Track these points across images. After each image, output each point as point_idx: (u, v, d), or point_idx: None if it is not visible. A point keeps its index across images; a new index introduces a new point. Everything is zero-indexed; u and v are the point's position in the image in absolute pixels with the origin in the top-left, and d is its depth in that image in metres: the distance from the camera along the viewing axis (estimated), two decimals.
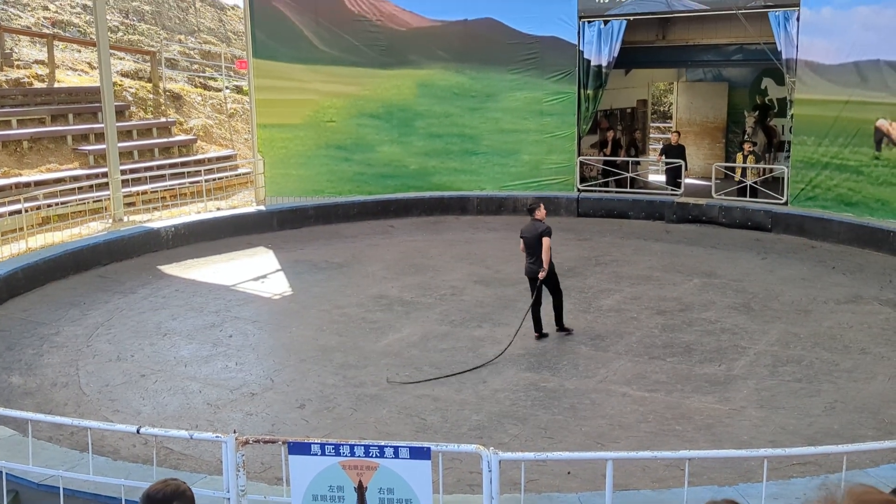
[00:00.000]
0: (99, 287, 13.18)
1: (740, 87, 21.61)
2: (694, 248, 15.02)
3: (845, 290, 12.30)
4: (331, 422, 8.27)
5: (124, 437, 7.82)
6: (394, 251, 15.27)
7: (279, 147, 18.59)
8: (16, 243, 14.74)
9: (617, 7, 17.25)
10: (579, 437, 7.82)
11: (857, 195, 15.36)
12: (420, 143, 18.73)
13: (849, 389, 8.77)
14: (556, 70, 18.05)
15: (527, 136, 18.46)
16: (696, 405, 8.45)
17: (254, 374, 9.60)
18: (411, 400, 8.73)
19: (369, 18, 18.52)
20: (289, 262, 14.71)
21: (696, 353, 9.86)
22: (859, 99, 15.16)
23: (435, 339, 10.54)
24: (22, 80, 22.88)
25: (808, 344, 10.12)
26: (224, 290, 13.06)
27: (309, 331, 11.01)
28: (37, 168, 20.67)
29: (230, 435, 5.36)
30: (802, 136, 15.98)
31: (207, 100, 27.30)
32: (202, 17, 35.06)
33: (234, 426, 7.88)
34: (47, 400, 8.94)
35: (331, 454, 4.98)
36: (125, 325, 11.33)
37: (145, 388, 9.25)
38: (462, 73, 18.65)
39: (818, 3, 15.41)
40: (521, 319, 10.27)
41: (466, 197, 18.52)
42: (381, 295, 12.48)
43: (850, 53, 15.23)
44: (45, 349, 10.49)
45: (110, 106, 16.72)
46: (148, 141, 23.36)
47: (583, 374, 9.36)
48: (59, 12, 29.40)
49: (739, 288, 12.49)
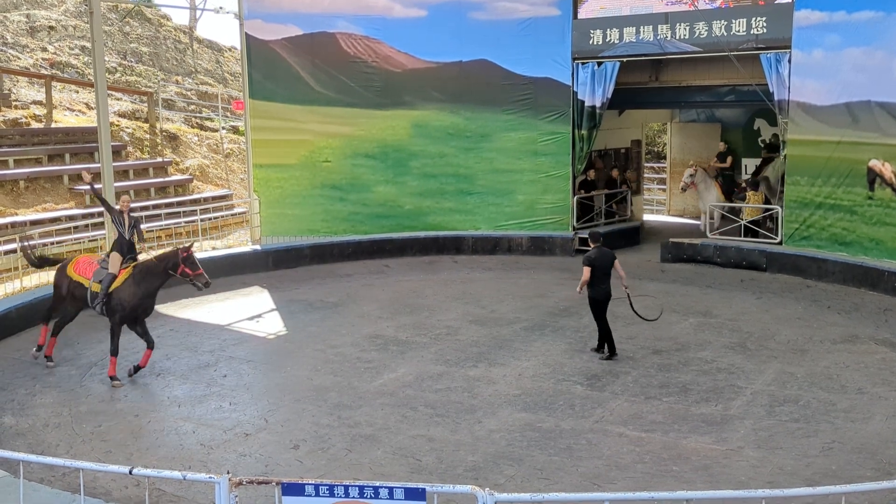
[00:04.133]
0: (93, 327, 13.10)
1: (733, 128, 21.81)
2: (689, 288, 15.04)
3: (841, 330, 12.30)
4: (325, 462, 8.20)
5: (117, 479, 7.73)
6: (389, 291, 15.26)
7: (275, 187, 18.66)
8: (10, 283, 14.70)
9: (610, 49, 17.45)
10: (576, 477, 7.76)
11: (852, 235, 15.43)
12: (415, 183, 18.81)
13: (846, 430, 8.74)
14: (550, 111, 18.21)
15: (521, 175, 18.57)
16: (693, 445, 8.40)
17: (248, 415, 9.53)
18: (406, 440, 8.67)
19: (365, 60, 18.70)
20: (284, 302, 14.68)
21: (693, 393, 9.83)
22: (851, 139, 15.30)
23: (430, 378, 10.49)
24: (20, 120, 22.98)
25: (805, 384, 10.09)
26: (219, 329, 13.01)
27: (303, 371, 10.95)
28: (33, 207, 20.68)
29: (223, 476, 5.31)
30: (796, 177, 16.09)
31: (204, 140, 27.44)
32: (199, 58, 35.36)
33: (228, 467, 7.82)
34: (39, 441, 8.85)
35: (325, 495, 4.94)
36: (119, 365, 11.24)
37: (138, 428, 9.17)
38: (457, 114, 18.79)
39: (809, 45, 15.61)
40: (634, 310, 11.44)
41: (461, 237, 18.56)
42: (376, 334, 12.45)
43: (842, 94, 15.39)
44: (38, 389, 10.41)
45: (107, 146, 16.77)
46: (144, 181, 23.42)
47: (579, 414, 9.31)
48: (57, 53, 29.64)
49: (735, 327, 12.49)
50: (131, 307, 10.76)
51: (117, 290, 10.78)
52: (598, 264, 11.01)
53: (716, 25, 16.37)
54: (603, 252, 11.14)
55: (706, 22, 16.46)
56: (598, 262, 11.03)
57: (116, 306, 10.76)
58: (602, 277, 11.02)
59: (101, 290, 10.79)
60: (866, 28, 15.03)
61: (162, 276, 10.92)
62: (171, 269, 10.82)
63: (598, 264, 11.01)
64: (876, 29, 14.91)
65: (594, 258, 11.03)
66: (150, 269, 10.91)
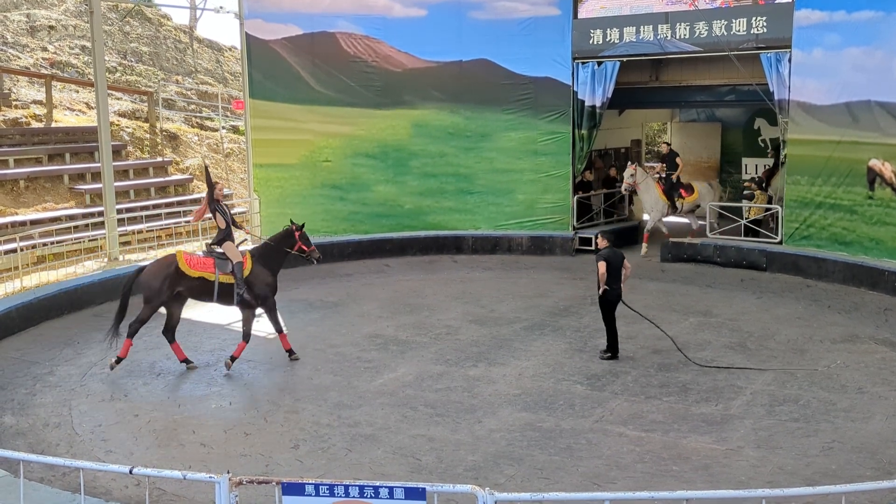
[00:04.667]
0: (93, 326, 13.12)
1: (734, 128, 21.81)
2: (689, 287, 15.04)
3: (841, 330, 12.30)
4: (325, 462, 8.20)
5: (117, 478, 7.73)
6: (389, 290, 15.26)
7: (275, 187, 18.66)
8: (10, 282, 14.70)
9: (610, 49, 17.45)
10: (576, 477, 7.76)
11: (852, 234, 15.43)
12: (415, 183, 18.81)
13: (846, 429, 8.74)
14: (550, 110, 18.20)
15: (521, 175, 18.57)
16: (693, 445, 8.40)
17: (248, 414, 9.53)
18: (406, 440, 8.67)
19: (365, 59, 18.70)
20: (284, 301, 14.62)
21: (693, 393, 9.83)
22: (851, 139, 15.30)
23: (430, 378, 10.49)
24: (20, 119, 22.98)
25: (805, 383, 10.10)
26: (219, 329, 13.02)
27: (304, 370, 10.95)
28: (33, 207, 20.68)
29: (224, 475, 5.31)
30: (796, 176, 16.09)
31: (204, 140, 27.44)
32: (200, 57, 35.36)
33: (228, 466, 7.81)
34: (39, 440, 8.85)
35: (325, 495, 4.94)
36: (119, 364, 11.26)
37: (138, 428, 9.17)
38: (457, 114, 18.79)
39: (809, 45, 15.61)
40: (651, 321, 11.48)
41: (461, 236, 18.56)
42: (376, 334, 12.45)
43: (842, 94, 15.40)
44: (38, 389, 10.42)
45: (107, 145, 16.80)
46: (144, 180, 23.41)
47: (579, 413, 9.31)
48: (57, 53, 29.64)
49: (735, 327, 12.49)
50: (273, 287, 11.28)
51: (252, 275, 11.13)
52: (611, 262, 11.07)
53: (716, 25, 16.36)
54: (614, 252, 11.22)
55: (706, 21, 16.45)
56: (612, 260, 11.09)
57: (262, 290, 11.17)
58: (614, 277, 11.07)
59: (237, 278, 10.99)
60: (866, 28, 15.03)
61: (282, 255, 11.51)
62: (289, 248, 11.45)
63: (611, 262, 11.07)
64: (876, 29, 14.91)
65: (607, 256, 11.10)
66: (270, 251, 11.48)
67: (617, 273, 11.09)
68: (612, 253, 11.17)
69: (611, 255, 11.13)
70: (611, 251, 11.19)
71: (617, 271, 11.10)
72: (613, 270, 11.05)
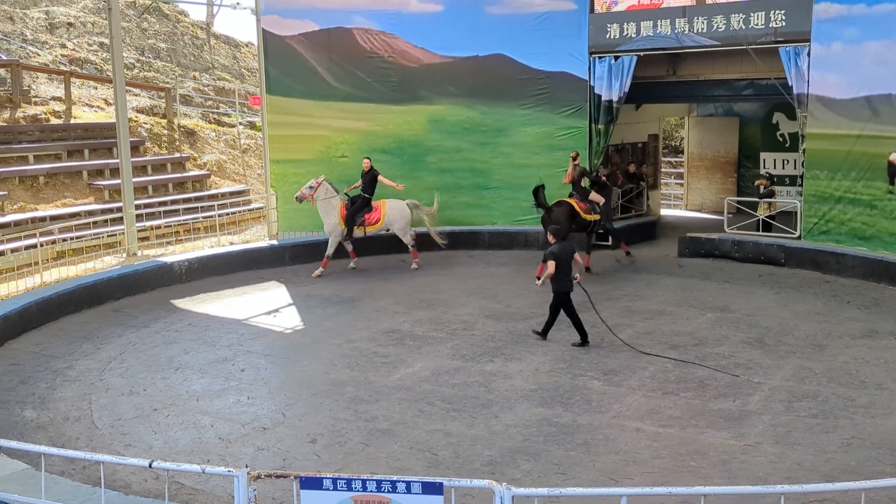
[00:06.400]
0: (112, 321, 13.23)
1: (752, 122, 21.67)
2: (707, 283, 14.97)
3: (860, 325, 12.21)
4: (342, 456, 8.23)
5: (136, 472, 7.80)
6: (405, 286, 15.28)
7: (292, 182, 18.67)
8: (30, 277, 14.83)
9: (627, 43, 17.37)
10: (593, 472, 7.76)
11: (871, 229, 15.30)
12: (431, 178, 18.78)
13: (866, 425, 8.68)
14: (566, 105, 18.15)
15: (538, 170, 18.46)
16: (710, 441, 8.37)
17: (265, 409, 9.58)
18: (423, 435, 8.68)
19: (381, 55, 18.70)
20: (301, 297, 14.73)
21: (711, 389, 9.79)
22: (871, 133, 15.17)
23: (447, 373, 10.50)
24: (39, 116, 23.17)
25: (824, 379, 10.03)
26: (236, 324, 13.08)
27: (321, 365, 10.99)
28: (52, 203, 20.86)
29: (242, 469, 5.34)
30: (815, 171, 15.97)
31: (221, 135, 27.57)
32: (217, 54, 35.49)
33: (246, 460, 7.86)
34: (60, 434, 8.93)
35: (343, 489, 4.96)
36: (138, 359, 11.34)
37: (157, 422, 9.24)
38: (473, 109, 18.77)
39: (829, 39, 15.48)
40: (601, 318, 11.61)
41: (478, 231, 18.55)
42: (392, 329, 12.48)
43: (862, 88, 15.26)
44: (59, 383, 10.51)
45: (125, 141, 16.89)
46: (162, 176, 23.56)
47: (596, 409, 9.30)
48: (76, 50, 29.83)
49: (753, 322, 12.43)
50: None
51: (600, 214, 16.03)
52: (562, 258, 11.36)
53: (734, 19, 16.25)
54: (564, 246, 11.54)
55: (724, 15, 16.34)
56: (562, 255, 11.39)
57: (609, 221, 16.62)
58: (566, 271, 11.39)
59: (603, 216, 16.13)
60: (886, 21, 14.88)
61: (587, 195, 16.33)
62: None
63: (562, 258, 11.36)
64: None
65: (558, 252, 11.39)
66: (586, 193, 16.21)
67: (568, 267, 11.41)
68: (562, 248, 11.46)
69: (560, 251, 11.41)
70: (560, 246, 11.47)
71: (568, 265, 11.41)
72: (565, 265, 11.36)
